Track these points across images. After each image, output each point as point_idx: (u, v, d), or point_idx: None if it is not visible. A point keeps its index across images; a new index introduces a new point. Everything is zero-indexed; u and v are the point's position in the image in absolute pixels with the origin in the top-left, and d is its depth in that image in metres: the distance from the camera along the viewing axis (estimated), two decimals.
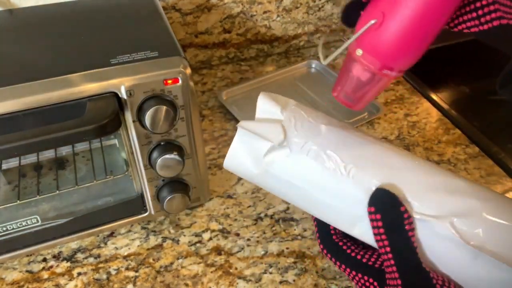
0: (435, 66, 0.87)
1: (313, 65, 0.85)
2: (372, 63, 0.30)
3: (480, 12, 0.26)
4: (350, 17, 0.31)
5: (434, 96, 0.79)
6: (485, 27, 0.27)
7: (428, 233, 0.29)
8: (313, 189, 0.31)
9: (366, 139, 0.32)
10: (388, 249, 0.29)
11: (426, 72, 0.85)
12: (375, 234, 0.29)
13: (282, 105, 0.34)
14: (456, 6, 0.27)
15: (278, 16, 0.85)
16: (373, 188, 0.29)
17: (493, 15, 0.26)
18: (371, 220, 0.29)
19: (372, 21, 0.29)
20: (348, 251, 0.32)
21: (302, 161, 0.31)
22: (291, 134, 0.32)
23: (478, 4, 0.26)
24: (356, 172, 0.30)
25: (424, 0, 0.27)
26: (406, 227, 0.28)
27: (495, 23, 0.26)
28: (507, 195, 0.61)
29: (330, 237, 0.33)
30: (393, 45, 0.29)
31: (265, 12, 0.83)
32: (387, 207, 0.28)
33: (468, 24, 0.28)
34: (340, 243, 0.32)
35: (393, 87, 0.81)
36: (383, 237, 0.29)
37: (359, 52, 0.31)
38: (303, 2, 0.85)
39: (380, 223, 0.29)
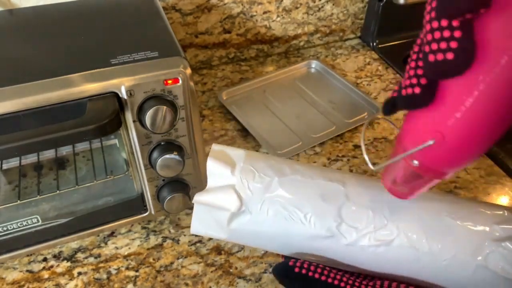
0: None
1: (313, 65, 0.85)
2: (430, 172, 0.29)
3: None
4: (392, 111, 0.31)
5: None
6: None
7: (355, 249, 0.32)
8: (280, 238, 0.34)
9: (317, 178, 0.33)
10: None
11: None
12: None
13: (232, 164, 0.33)
14: None
15: (278, 16, 0.85)
16: (333, 228, 0.31)
17: None
18: None
19: (430, 142, 0.27)
20: (310, 274, 0.34)
21: (264, 221, 0.33)
22: (247, 197, 0.33)
23: None
24: (315, 219, 0.32)
25: (488, 113, 0.25)
26: (315, 276, 0.32)
27: None
28: (506, 195, 0.62)
29: (291, 270, 0.34)
30: (454, 160, 0.28)
31: (265, 13, 0.83)
32: (284, 279, 0.32)
33: None
34: (299, 270, 0.34)
35: (393, 87, 0.81)
36: None
37: (415, 163, 0.29)
38: (303, 3, 0.85)
39: None
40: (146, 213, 0.54)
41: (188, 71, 0.44)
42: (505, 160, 0.67)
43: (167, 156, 0.47)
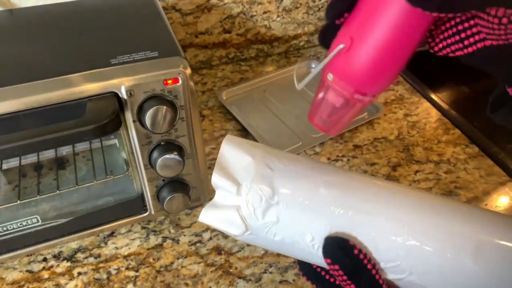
0: (435, 66, 0.87)
1: (313, 65, 0.85)
2: (344, 88, 0.30)
3: (463, 34, 0.25)
4: (326, 39, 0.30)
5: (433, 96, 0.79)
6: (470, 50, 0.26)
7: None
8: (289, 252, 0.33)
9: (328, 200, 0.31)
10: None
11: (425, 72, 0.85)
12: (341, 282, 0.30)
13: (239, 178, 0.32)
14: (424, 32, 0.27)
15: (278, 16, 0.85)
16: None
17: (477, 37, 0.25)
18: (332, 271, 0.29)
19: (341, 46, 0.28)
20: (327, 276, 0.33)
21: (270, 241, 0.32)
22: (253, 222, 0.31)
23: (460, 27, 0.25)
24: (320, 246, 0.30)
25: (391, 25, 0.26)
26: (368, 266, 0.29)
27: (479, 45, 0.25)
28: (506, 195, 0.62)
29: (310, 265, 0.33)
30: (363, 70, 0.28)
31: (265, 12, 0.83)
32: (341, 255, 0.29)
33: (453, 47, 0.27)
34: (318, 269, 0.33)
35: (393, 87, 0.81)
36: (349, 282, 0.29)
37: (330, 77, 0.30)
38: (303, 2, 0.85)
39: (341, 272, 0.29)
40: (146, 213, 0.54)
41: (188, 71, 0.44)
42: (505, 160, 0.67)
43: (167, 156, 0.47)
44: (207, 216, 0.32)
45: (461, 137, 0.71)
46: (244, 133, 0.70)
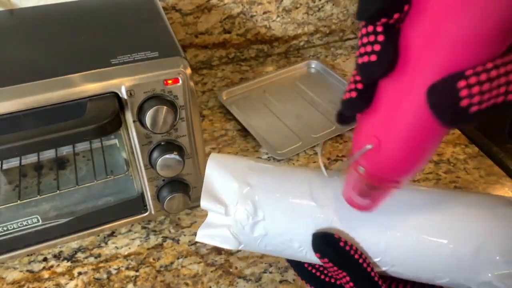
0: None
1: (313, 65, 0.85)
2: (377, 180, 0.30)
3: None
4: (345, 121, 0.31)
5: None
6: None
7: None
8: (281, 256, 0.36)
9: (308, 208, 0.33)
10: (351, 284, 0.31)
11: None
12: (333, 272, 0.31)
13: (226, 200, 0.34)
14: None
15: (278, 16, 0.85)
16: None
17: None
18: (323, 264, 0.31)
19: (368, 147, 0.28)
20: (322, 276, 0.34)
21: (263, 250, 0.35)
22: (244, 237, 0.34)
23: None
24: (310, 252, 0.32)
25: (415, 124, 0.25)
26: (355, 256, 0.30)
27: None
28: (506, 195, 0.62)
29: (302, 264, 0.35)
30: (395, 164, 0.28)
31: (265, 13, 0.83)
32: (328, 249, 0.31)
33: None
34: (309, 268, 0.34)
35: None
36: (339, 271, 0.31)
37: (361, 170, 0.30)
38: (303, 3, 0.85)
39: (331, 264, 0.31)
40: (146, 213, 0.54)
41: (188, 71, 0.44)
42: (505, 160, 0.67)
43: (167, 156, 0.47)
44: (203, 235, 0.35)
45: (460, 137, 0.71)
46: (244, 133, 0.70)
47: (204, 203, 0.34)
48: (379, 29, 0.24)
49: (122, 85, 0.42)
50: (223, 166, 0.35)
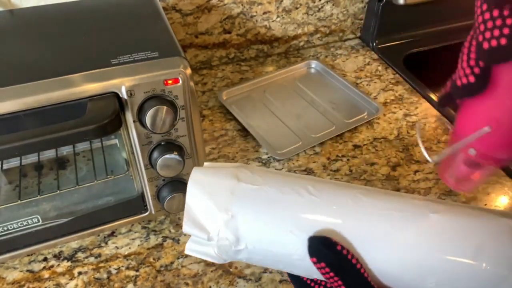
0: (434, 66, 0.88)
1: (313, 65, 0.85)
2: (487, 160, 0.30)
3: None
4: (447, 104, 0.32)
5: (433, 96, 0.79)
6: None
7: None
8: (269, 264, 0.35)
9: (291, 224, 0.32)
10: None
11: (425, 72, 0.85)
12: (328, 279, 0.31)
13: (208, 227, 0.33)
14: None
15: (278, 16, 0.85)
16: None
17: None
18: (319, 269, 0.31)
19: (487, 129, 0.28)
20: (316, 286, 0.34)
21: (254, 263, 0.34)
22: (229, 258, 0.34)
23: None
24: (303, 257, 0.31)
25: None
26: (353, 261, 0.30)
27: None
28: (506, 195, 0.62)
29: (301, 279, 0.35)
30: (509, 145, 0.29)
31: (265, 13, 0.83)
32: (325, 253, 0.30)
33: None
34: (309, 281, 0.34)
35: (393, 87, 0.81)
36: (336, 278, 0.30)
37: (472, 152, 0.31)
38: (302, 3, 0.85)
39: (327, 269, 0.30)
40: (146, 213, 0.54)
41: (188, 71, 0.44)
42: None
43: (167, 156, 0.47)
44: (191, 250, 0.34)
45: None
46: (244, 133, 0.70)
47: (186, 228, 0.34)
48: (506, 13, 0.25)
49: (122, 85, 0.42)
50: (204, 190, 0.34)
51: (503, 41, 0.25)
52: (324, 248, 0.30)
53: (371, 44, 0.92)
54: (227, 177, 0.34)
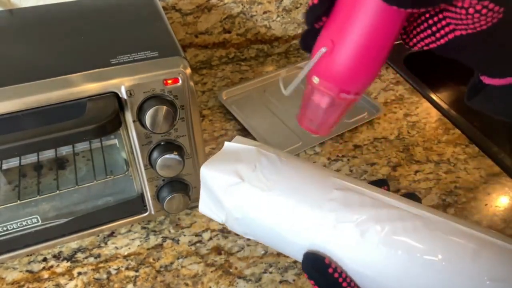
0: (434, 66, 0.87)
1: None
2: (329, 89, 0.31)
3: (434, 28, 0.27)
4: (308, 43, 0.32)
5: (433, 96, 0.79)
6: (442, 41, 0.28)
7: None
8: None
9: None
10: None
11: (425, 72, 0.85)
12: None
13: (221, 214, 0.35)
14: (399, 29, 0.28)
15: (278, 16, 0.85)
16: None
17: (446, 29, 0.27)
18: (311, 283, 0.32)
19: (323, 49, 0.29)
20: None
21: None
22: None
23: (430, 22, 0.27)
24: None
25: (368, 24, 0.27)
26: (343, 284, 0.31)
27: (450, 36, 0.27)
28: (506, 195, 0.62)
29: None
30: (345, 69, 0.30)
31: (265, 12, 0.83)
32: (315, 273, 0.31)
33: (426, 41, 0.28)
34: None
35: (393, 87, 0.81)
36: None
37: (315, 79, 0.32)
38: (303, 2, 0.85)
39: (316, 287, 0.31)
40: (146, 213, 0.54)
41: (188, 71, 0.44)
42: (505, 160, 0.67)
43: (167, 156, 0.47)
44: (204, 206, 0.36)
45: (461, 137, 0.71)
46: (244, 133, 0.70)
47: (201, 207, 0.36)
48: None
49: (122, 85, 0.42)
50: (211, 188, 0.35)
51: None
52: (316, 269, 0.31)
53: None
54: (229, 173, 0.35)
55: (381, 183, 0.37)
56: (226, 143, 0.37)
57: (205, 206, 0.36)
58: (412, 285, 0.29)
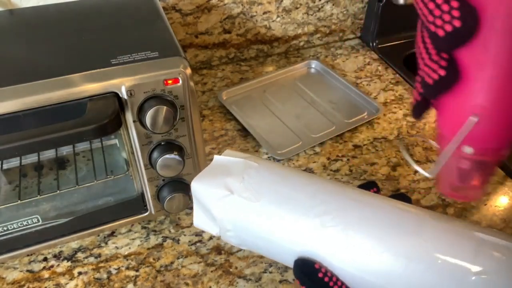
0: None
1: (313, 65, 0.85)
2: (485, 154, 0.29)
3: None
4: (421, 113, 0.31)
5: None
6: None
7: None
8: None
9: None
10: None
11: None
12: None
13: (215, 225, 0.37)
14: None
15: (278, 16, 0.85)
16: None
17: None
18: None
19: (474, 119, 0.27)
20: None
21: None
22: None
23: None
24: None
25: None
26: (335, 287, 0.31)
27: None
28: (506, 195, 0.62)
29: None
30: (506, 129, 0.27)
31: (265, 13, 0.83)
32: (306, 279, 0.31)
33: None
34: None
35: (393, 87, 0.81)
36: None
37: (468, 150, 0.29)
38: (302, 3, 0.85)
39: None
40: (146, 213, 0.54)
41: (188, 71, 0.44)
42: (505, 160, 0.67)
43: (167, 156, 0.47)
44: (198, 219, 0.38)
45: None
46: (244, 133, 0.70)
47: (196, 222, 0.38)
48: None
49: (122, 85, 0.42)
50: (202, 204, 0.37)
51: (457, 23, 0.24)
52: (306, 275, 0.31)
53: (371, 44, 0.92)
54: (219, 186, 0.36)
55: (370, 186, 0.37)
56: (216, 157, 0.38)
57: (199, 220, 0.37)
58: (403, 284, 0.30)
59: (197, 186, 0.36)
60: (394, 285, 0.30)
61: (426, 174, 0.31)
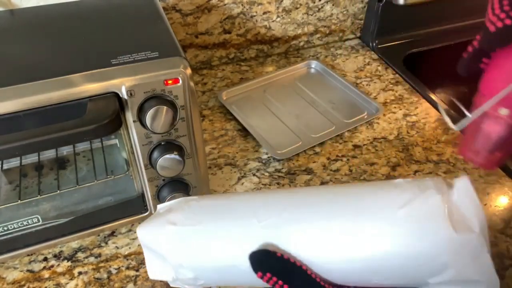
0: (434, 66, 0.88)
1: (313, 66, 0.86)
2: None
3: None
4: (469, 68, 0.30)
5: (433, 96, 0.79)
6: None
7: None
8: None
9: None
10: None
11: (425, 72, 0.85)
12: None
13: (170, 273, 0.36)
14: None
15: (278, 16, 0.85)
16: None
17: None
18: (268, 282, 0.30)
19: None
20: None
21: None
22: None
23: None
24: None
25: None
26: (297, 263, 0.30)
27: None
28: (506, 195, 0.62)
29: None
30: None
31: (265, 13, 0.83)
32: (267, 263, 0.30)
33: None
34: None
35: (392, 87, 0.81)
36: (285, 287, 0.30)
37: (504, 111, 0.28)
38: (302, 3, 0.85)
39: (274, 279, 0.30)
40: (147, 213, 0.54)
41: (188, 71, 0.44)
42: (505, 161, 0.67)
43: (167, 156, 0.47)
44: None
45: (460, 137, 0.71)
46: (244, 133, 0.70)
47: (150, 274, 0.37)
48: None
49: (122, 85, 0.42)
50: (150, 248, 0.36)
51: None
52: (265, 259, 0.30)
53: (371, 44, 0.92)
54: (162, 225, 0.35)
55: None
56: (158, 205, 0.39)
57: (153, 270, 0.37)
58: (354, 259, 0.30)
59: (142, 232, 0.36)
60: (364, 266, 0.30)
61: (454, 127, 0.30)
